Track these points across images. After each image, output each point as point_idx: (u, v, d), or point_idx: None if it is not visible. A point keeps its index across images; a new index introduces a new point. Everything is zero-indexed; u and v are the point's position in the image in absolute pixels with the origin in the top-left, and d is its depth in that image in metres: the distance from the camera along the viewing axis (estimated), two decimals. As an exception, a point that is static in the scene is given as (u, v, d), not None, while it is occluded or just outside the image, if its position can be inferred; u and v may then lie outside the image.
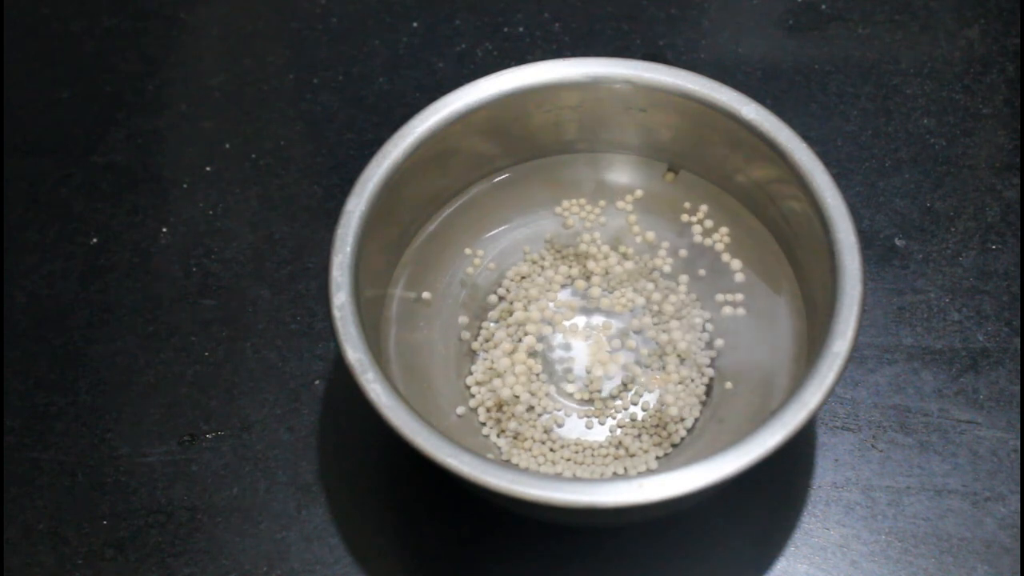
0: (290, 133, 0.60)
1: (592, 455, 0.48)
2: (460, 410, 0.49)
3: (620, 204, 0.52)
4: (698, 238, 0.51)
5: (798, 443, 0.50)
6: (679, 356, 0.49)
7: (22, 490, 0.50)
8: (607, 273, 0.51)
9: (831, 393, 0.41)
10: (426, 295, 0.50)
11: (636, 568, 0.48)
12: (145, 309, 0.55)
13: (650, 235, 0.51)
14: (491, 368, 0.50)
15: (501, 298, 0.51)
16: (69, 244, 0.57)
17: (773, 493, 0.49)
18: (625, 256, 0.52)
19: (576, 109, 0.50)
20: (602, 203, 0.52)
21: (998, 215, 0.56)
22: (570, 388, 0.50)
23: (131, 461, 0.51)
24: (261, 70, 0.62)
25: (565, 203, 0.52)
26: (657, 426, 0.48)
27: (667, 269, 0.51)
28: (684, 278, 0.51)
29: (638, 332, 0.51)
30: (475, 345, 0.50)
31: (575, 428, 0.49)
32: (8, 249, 0.56)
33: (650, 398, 0.49)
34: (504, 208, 0.52)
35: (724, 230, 0.51)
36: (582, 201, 0.52)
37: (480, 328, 0.51)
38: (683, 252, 0.51)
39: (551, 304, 0.51)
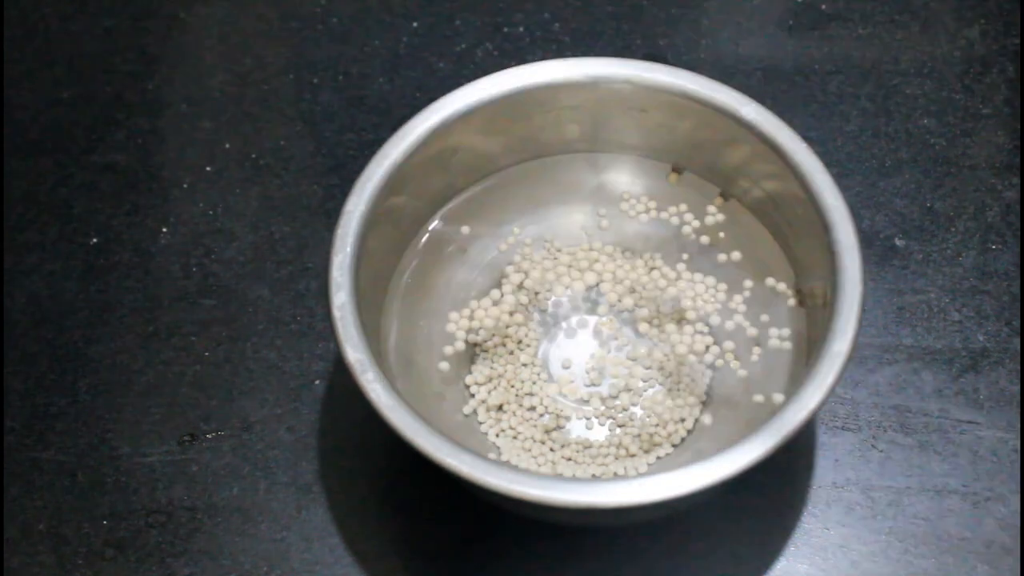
0: (290, 133, 0.60)
1: (592, 455, 0.48)
2: (462, 410, 0.49)
3: (711, 208, 0.51)
4: (694, 235, 0.51)
5: (798, 443, 0.50)
6: (678, 358, 0.49)
7: (22, 490, 0.50)
8: (611, 273, 0.51)
9: (831, 393, 0.41)
10: (465, 229, 0.51)
11: (636, 568, 0.48)
12: (145, 309, 0.55)
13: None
14: (491, 368, 0.50)
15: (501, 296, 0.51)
16: (69, 244, 0.57)
17: (773, 493, 0.49)
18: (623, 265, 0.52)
19: (576, 109, 0.50)
20: (680, 209, 0.52)
21: (998, 215, 0.56)
22: (570, 388, 0.50)
23: (131, 461, 0.51)
24: (261, 70, 0.62)
25: (625, 204, 0.52)
26: (657, 426, 0.48)
27: (670, 269, 0.51)
28: (681, 279, 0.51)
29: (640, 333, 0.51)
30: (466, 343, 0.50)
31: (575, 428, 0.49)
32: (8, 249, 0.56)
33: (650, 397, 0.49)
34: (504, 208, 0.52)
35: (723, 229, 0.51)
36: (643, 198, 0.52)
37: (480, 329, 0.51)
38: (685, 255, 0.51)
39: (553, 298, 0.51)
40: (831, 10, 0.63)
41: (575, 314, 0.51)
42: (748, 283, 0.50)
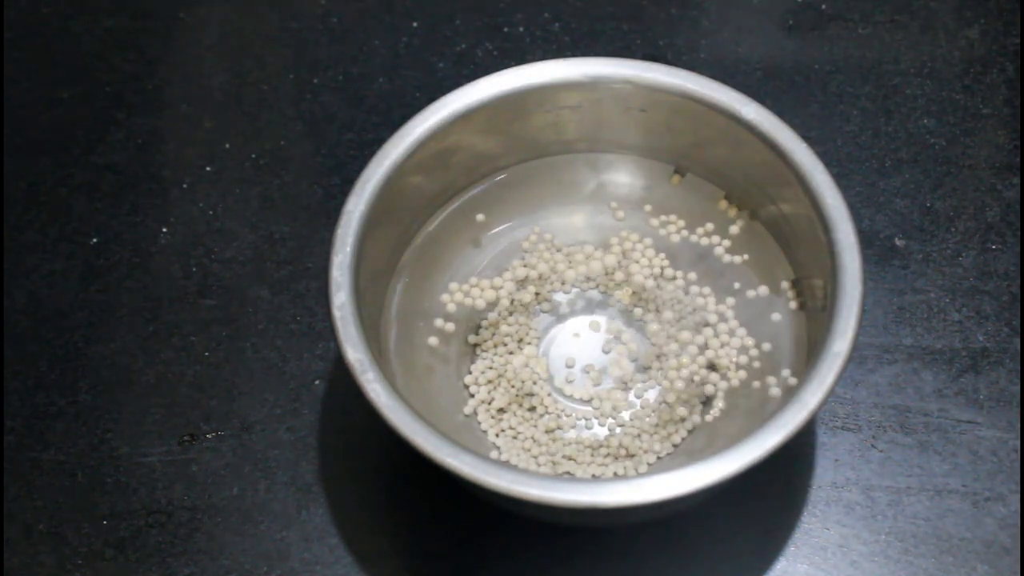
0: (290, 133, 0.60)
1: (592, 455, 0.48)
2: (463, 410, 0.49)
3: (728, 215, 0.51)
4: (696, 238, 0.51)
5: (798, 443, 0.50)
6: (677, 359, 0.49)
7: (22, 490, 0.50)
8: (608, 274, 0.51)
9: (831, 393, 0.41)
10: (480, 217, 0.51)
11: (636, 568, 0.48)
12: (145, 309, 0.55)
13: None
14: (490, 367, 0.50)
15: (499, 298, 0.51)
16: (69, 244, 0.57)
17: (773, 493, 0.49)
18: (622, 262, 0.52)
19: (576, 109, 0.50)
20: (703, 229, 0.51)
21: (998, 215, 0.56)
22: (570, 388, 0.50)
23: (131, 461, 0.51)
24: (261, 70, 0.62)
25: (661, 218, 0.51)
26: (657, 426, 0.48)
27: (669, 272, 0.51)
28: (680, 279, 0.51)
29: (640, 331, 0.51)
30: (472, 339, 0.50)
31: (575, 428, 0.49)
32: (8, 249, 0.56)
33: (650, 398, 0.49)
34: (504, 208, 0.52)
35: (727, 230, 0.51)
36: (672, 217, 0.51)
37: (479, 327, 0.51)
38: (683, 253, 0.51)
39: (558, 295, 0.51)
40: (831, 10, 0.63)
41: (578, 314, 0.51)
42: (767, 347, 0.48)
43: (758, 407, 0.47)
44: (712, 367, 0.48)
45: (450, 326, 0.49)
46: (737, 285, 0.50)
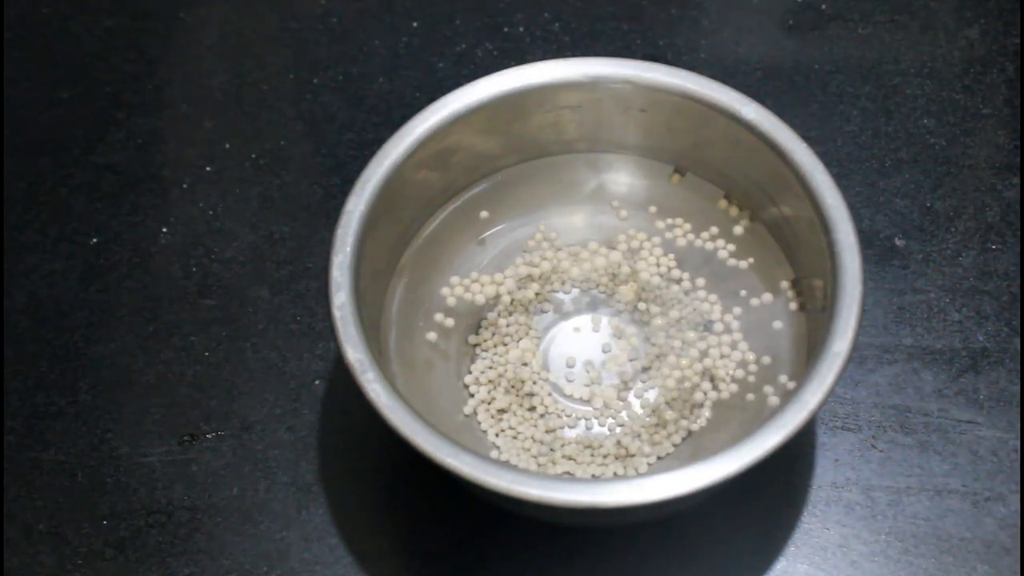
0: (290, 133, 0.60)
1: (592, 455, 0.48)
2: (463, 410, 0.49)
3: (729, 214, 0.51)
4: (701, 242, 0.51)
5: (798, 443, 0.50)
6: (676, 356, 0.49)
7: (22, 490, 0.50)
8: (612, 272, 0.51)
9: (831, 393, 0.41)
10: (483, 214, 0.51)
11: (636, 568, 0.48)
12: (145, 309, 0.55)
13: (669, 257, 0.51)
14: (490, 367, 0.50)
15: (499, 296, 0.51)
16: (69, 244, 0.57)
17: (773, 493, 0.49)
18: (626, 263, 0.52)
19: (576, 109, 0.50)
20: (708, 233, 0.51)
21: (998, 215, 0.56)
22: (570, 388, 0.50)
23: (131, 461, 0.51)
24: (261, 70, 0.62)
25: (668, 221, 0.51)
26: (657, 426, 0.48)
27: (673, 271, 0.51)
28: (684, 278, 0.51)
29: (643, 329, 0.51)
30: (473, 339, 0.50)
31: (575, 428, 0.49)
32: (8, 249, 0.56)
33: (650, 398, 0.49)
34: (505, 208, 0.52)
35: (731, 234, 0.51)
36: (678, 220, 0.51)
37: (479, 326, 0.51)
38: (684, 253, 0.51)
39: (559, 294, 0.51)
40: (831, 10, 0.63)
41: (579, 313, 0.51)
42: (766, 360, 0.48)
43: (754, 417, 0.47)
44: (708, 376, 0.48)
45: (450, 321, 0.49)
46: (743, 292, 0.50)
